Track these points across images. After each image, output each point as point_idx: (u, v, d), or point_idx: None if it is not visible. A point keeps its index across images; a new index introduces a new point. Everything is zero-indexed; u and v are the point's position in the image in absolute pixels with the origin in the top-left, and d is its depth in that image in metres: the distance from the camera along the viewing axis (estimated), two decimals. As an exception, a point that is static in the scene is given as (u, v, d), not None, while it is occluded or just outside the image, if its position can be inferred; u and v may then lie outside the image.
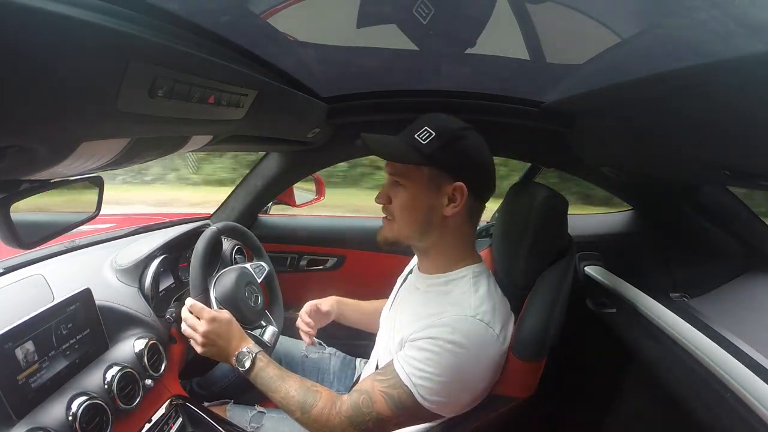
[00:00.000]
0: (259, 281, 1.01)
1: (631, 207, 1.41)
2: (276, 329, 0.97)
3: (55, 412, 0.63)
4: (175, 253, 1.04)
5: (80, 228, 0.63)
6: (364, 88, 1.11)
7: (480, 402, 0.73)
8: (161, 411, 0.80)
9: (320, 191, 1.56)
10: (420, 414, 0.67)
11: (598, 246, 1.34)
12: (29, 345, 0.62)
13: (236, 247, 1.15)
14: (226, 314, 0.82)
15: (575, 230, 0.99)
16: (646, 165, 1.01)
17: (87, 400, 0.65)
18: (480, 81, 1.07)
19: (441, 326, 0.67)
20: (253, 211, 1.41)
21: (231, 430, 0.85)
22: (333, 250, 1.47)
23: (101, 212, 0.63)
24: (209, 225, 1.01)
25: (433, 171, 0.71)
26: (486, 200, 0.77)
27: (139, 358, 0.79)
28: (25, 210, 0.49)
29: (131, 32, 0.37)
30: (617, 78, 0.71)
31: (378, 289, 1.04)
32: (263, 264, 1.07)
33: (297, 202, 1.51)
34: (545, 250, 0.83)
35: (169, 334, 0.92)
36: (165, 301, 0.97)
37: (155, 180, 4.75)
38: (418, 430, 0.75)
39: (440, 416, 0.69)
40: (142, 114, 0.43)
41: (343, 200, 3.94)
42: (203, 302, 0.84)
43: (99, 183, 0.60)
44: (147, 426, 0.76)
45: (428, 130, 0.71)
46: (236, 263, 1.11)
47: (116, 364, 0.74)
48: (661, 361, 0.89)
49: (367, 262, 1.46)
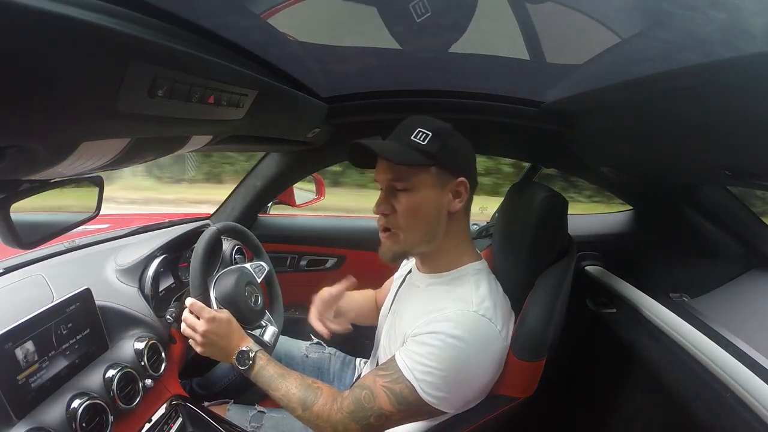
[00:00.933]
0: (259, 281, 1.00)
1: (631, 207, 1.41)
2: (276, 329, 0.96)
3: (55, 412, 0.63)
4: (175, 253, 1.04)
5: (80, 228, 0.63)
6: (364, 88, 1.11)
7: (480, 402, 0.73)
8: (161, 411, 0.80)
9: (320, 191, 1.56)
10: (422, 409, 0.67)
11: (598, 246, 1.34)
12: (29, 345, 0.62)
13: (236, 247, 1.15)
14: (226, 314, 0.82)
15: (575, 230, 0.99)
16: (646, 165, 1.01)
17: (87, 400, 0.65)
18: (480, 81, 1.07)
19: (443, 321, 0.67)
20: (253, 211, 1.41)
21: (231, 430, 0.85)
22: (333, 250, 1.47)
23: (101, 212, 0.63)
24: (209, 225, 1.01)
25: (439, 170, 0.72)
26: (474, 192, 0.78)
27: (139, 358, 0.79)
28: (25, 210, 0.49)
29: (131, 32, 0.37)
30: (617, 78, 0.71)
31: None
32: (263, 264, 1.06)
33: (297, 202, 1.51)
34: (545, 250, 0.83)
35: (169, 334, 0.92)
36: (165, 301, 0.97)
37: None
38: (419, 430, 0.75)
39: (442, 413, 0.69)
40: (142, 114, 0.43)
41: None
42: (203, 302, 0.84)
43: (99, 183, 0.60)
44: (147, 426, 0.76)
45: (423, 131, 0.71)
46: (236, 263, 1.11)
47: (116, 364, 0.74)
48: (661, 361, 0.89)
49: (367, 262, 1.45)
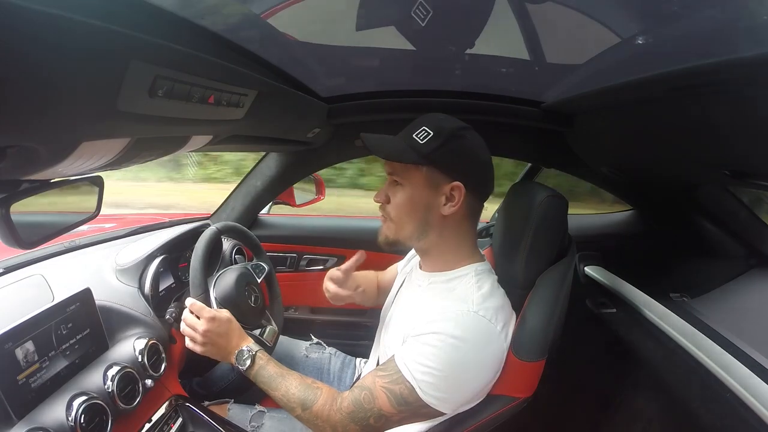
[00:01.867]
0: (259, 281, 1.00)
1: (631, 207, 1.41)
2: (276, 329, 0.96)
3: (55, 412, 0.63)
4: (175, 253, 1.04)
5: (80, 228, 0.63)
6: (364, 88, 1.11)
7: (480, 402, 0.73)
8: (161, 411, 0.80)
9: (320, 191, 1.56)
10: (421, 410, 0.67)
11: (598, 246, 1.34)
12: (29, 345, 0.62)
13: (236, 247, 1.15)
14: (226, 314, 0.82)
15: (575, 230, 0.99)
16: (646, 165, 1.01)
17: (87, 400, 0.65)
18: (480, 81, 1.07)
19: (443, 321, 0.67)
20: (253, 211, 1.41)
21: (231, 430, 0.85)
22: (333, 250, 1.47)
23: (101, 212, 0.63)
24: (209, 225, 1.01)
25: (431, 171, 0.71)
26: (485, 199, 0.77)
27: (139, 358, 0.79)
28: (25, 210, 0.49)
29: (131, 32, 0.37)
30: (617, 78, 0.71)
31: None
32: (263, 264, 1.06)
33: (297, 202, 1.51)
34: (545, 250, 0.83)
35: (169, 334, 0.92)
36: (165, 301, 0.97)
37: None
38: (419, 430, 0.75)
39: (441, 413, 0.69)
40: (142, 114, 0.43)
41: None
42: (203, 302, 0.84)
43: (99, 183, 0.60)
44: (147, 426, 0.76)
45: (426, 130, 0.71)
46: (236, 263, 1.11)
47: (116, 364, 0.74)
48: (661, 361, 0.89)
49: (367, 262, 1.45)
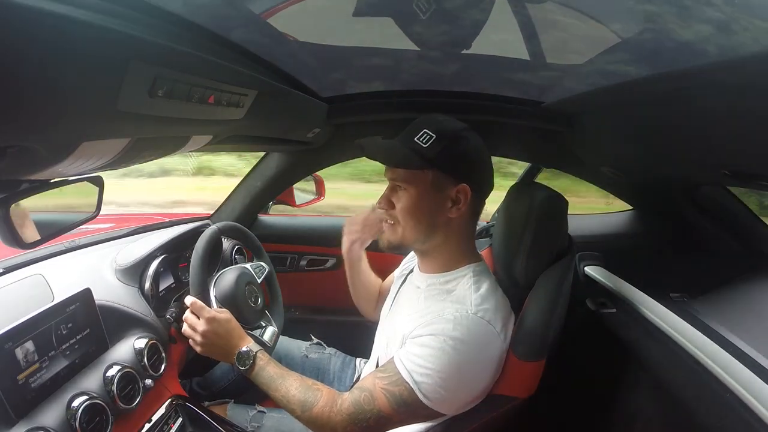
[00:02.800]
0: (259, 281, 1.00)
1: (632, 207, 1.41)
2: (276, 329, 0.96)
3: (55, 412, 0.63)
4: (175, 253, 1.04)
5: (80, 228, 0.63)
6: (364, 88, 1.11)
7: (480, 402, 0.72)
8: (161, 411, 0.80)
9: (320, 191, 1.56)
10: (421, 411, 0.67)
11: (598, 246, 1.34)
12: (29, 345, 0.62)
13: (236, 247, 1.15)
14: (226, 314, 0.82)
15: (575, 230, 0.99)
16: (646, 165, 1.01)
17: (87, 400, 0.65)
18: (480, 81, 1.07)
19: (442, 323, 0.67)
20: (253, 211, 1.41)
21: (231, 430, 0.85)
22: (333, 250, 1.47)
23: (101, 212, 0.63)
24: (209, 225, 1.01)
25: (437, 174, 0.71)
26: (486, 197, 0.77)
27: (139, 358, 0.79)
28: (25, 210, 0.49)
29: (131, 32, 0.37)
30: (617, 78, 0.71)
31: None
32: (263, 264, 1.06)
33: (297, 202, 1.51)
34: (545, 250, 0.83)
35: (169, 334, 0.92)
36: (165, 301, 0.97)
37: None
38: (419, 430, 0.75)
39: (441, 414, 0.69)
40: (142, 114, 0.43)
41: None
42: (203, 302, 0.84)
43: (99, 183, 0.60)
44: (147, 426, 0.76)
45: (428, 133, 0.70)
46: (236, 263, 1.10)
47: (116, 364, 0.74)
48: (661, 361, 0.89)
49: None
